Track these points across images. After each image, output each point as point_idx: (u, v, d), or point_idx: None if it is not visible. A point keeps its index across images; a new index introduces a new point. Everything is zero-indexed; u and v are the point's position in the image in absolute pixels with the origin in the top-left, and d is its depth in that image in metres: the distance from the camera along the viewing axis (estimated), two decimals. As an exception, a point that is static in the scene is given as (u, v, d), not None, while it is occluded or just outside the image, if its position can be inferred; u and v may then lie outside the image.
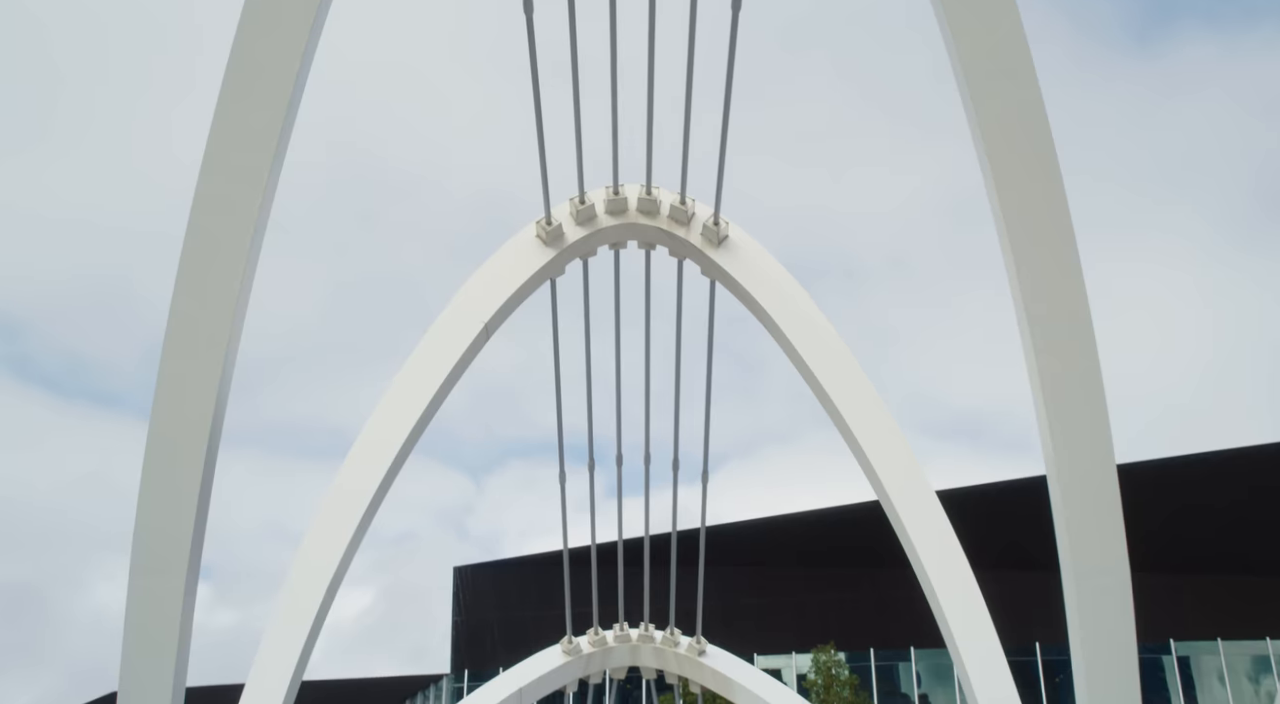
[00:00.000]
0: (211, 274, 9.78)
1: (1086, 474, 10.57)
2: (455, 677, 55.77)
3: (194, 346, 9.92)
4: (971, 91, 9.21)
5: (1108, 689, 10.71)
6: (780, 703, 18.58)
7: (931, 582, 13.25)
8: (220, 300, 9.81)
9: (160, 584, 10.24)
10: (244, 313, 10.14)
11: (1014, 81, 9.24)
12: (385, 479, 12.98)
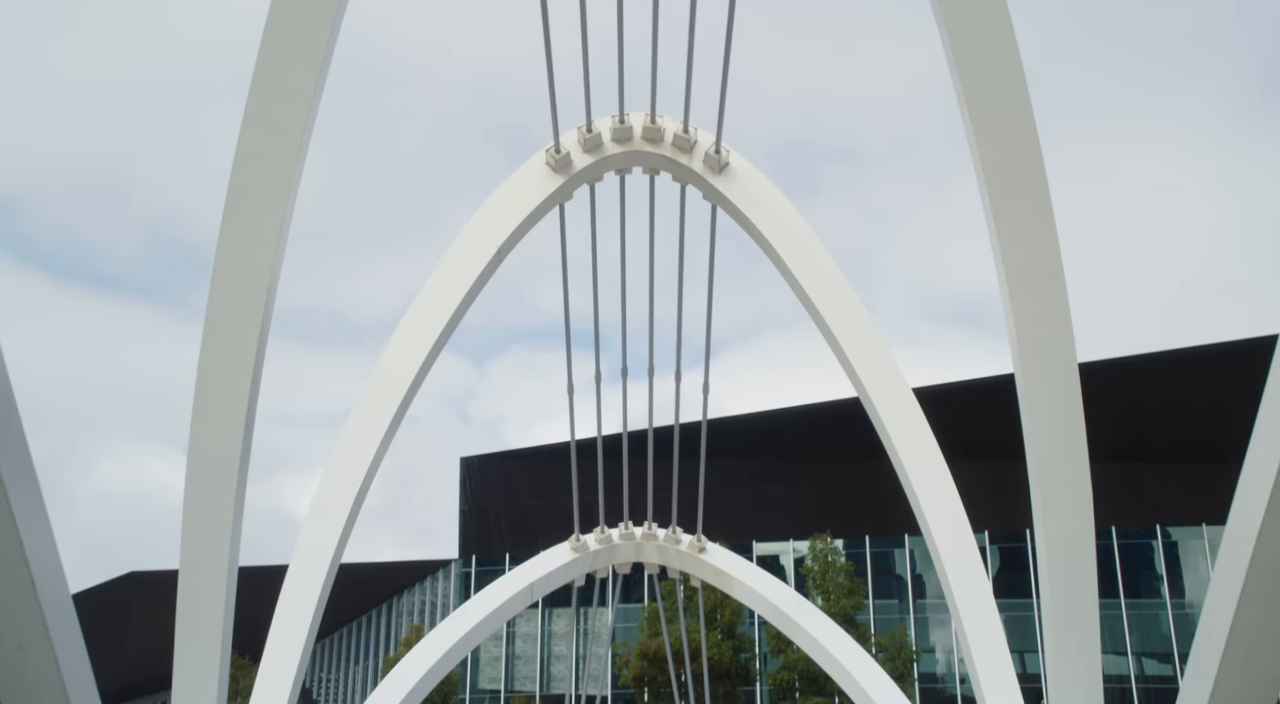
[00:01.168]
0: (260, 182, 10.38)
1: (1049, 369, 11.26)
2: (463, 562, 57.43)
3: (251, 234, 10.55)
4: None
5: (1066, 572, 11.38)
6: (775, 597, 19.52)
7: (908, 474, 14.21)
8: (271, 210, 10.41)
9: (216, 469, 10.94)
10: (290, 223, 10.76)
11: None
12: (402, 404, 13.81)
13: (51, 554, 7.33)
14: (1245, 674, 7.61)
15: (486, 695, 55.41)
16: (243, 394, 10.92)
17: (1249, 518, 7.11)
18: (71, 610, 7.67)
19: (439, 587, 59.36)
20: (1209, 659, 7.75)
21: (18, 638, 7.28)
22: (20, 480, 6.74)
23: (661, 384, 18.19)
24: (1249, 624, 7.30)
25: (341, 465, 13.95)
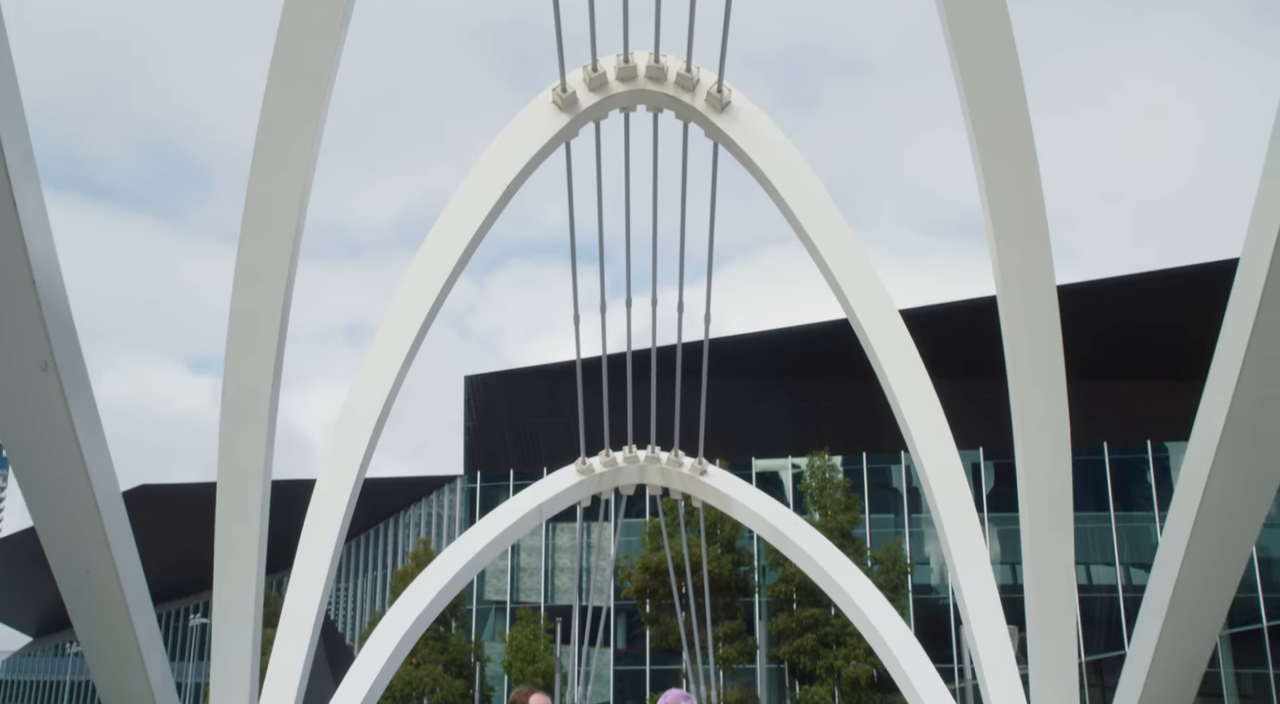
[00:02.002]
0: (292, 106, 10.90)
1: (1028, 289, 11.87)
2: (468, 478, 58.52)
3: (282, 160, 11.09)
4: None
5: (1044, 489, 12.09)
6: (772, 517, 20.36)
7: (894, 393, 14.98)
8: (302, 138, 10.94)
9: (251, 380, 11.58)
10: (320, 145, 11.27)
11: None
12: (418, 336, 14.45)
13: (113, 483, 8.03)
14: (1202, 586, 8.28)
15: (493, 606, 56.93)
16: (275, 313, 11.53)
17: (1208, 436, 7.69)
18: (130, 536, 8.40)
19: (444, 501, 60.53)
20: (1169, 570, 8.40)
21: (85, 564, 8.02)
22: (84, 411, 7.39)
23: (662, 305, 18.78)
24: (1206, 540, 7.92)
25: (360, 401, 14.70)
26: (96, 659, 8.88)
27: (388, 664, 17.06)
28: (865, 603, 18.02)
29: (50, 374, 6.83)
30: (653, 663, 53.52)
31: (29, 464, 7.42)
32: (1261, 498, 7.75)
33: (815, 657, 44.82)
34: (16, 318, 6.51)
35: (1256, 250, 6.60)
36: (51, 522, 7.82)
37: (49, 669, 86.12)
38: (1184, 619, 8.44)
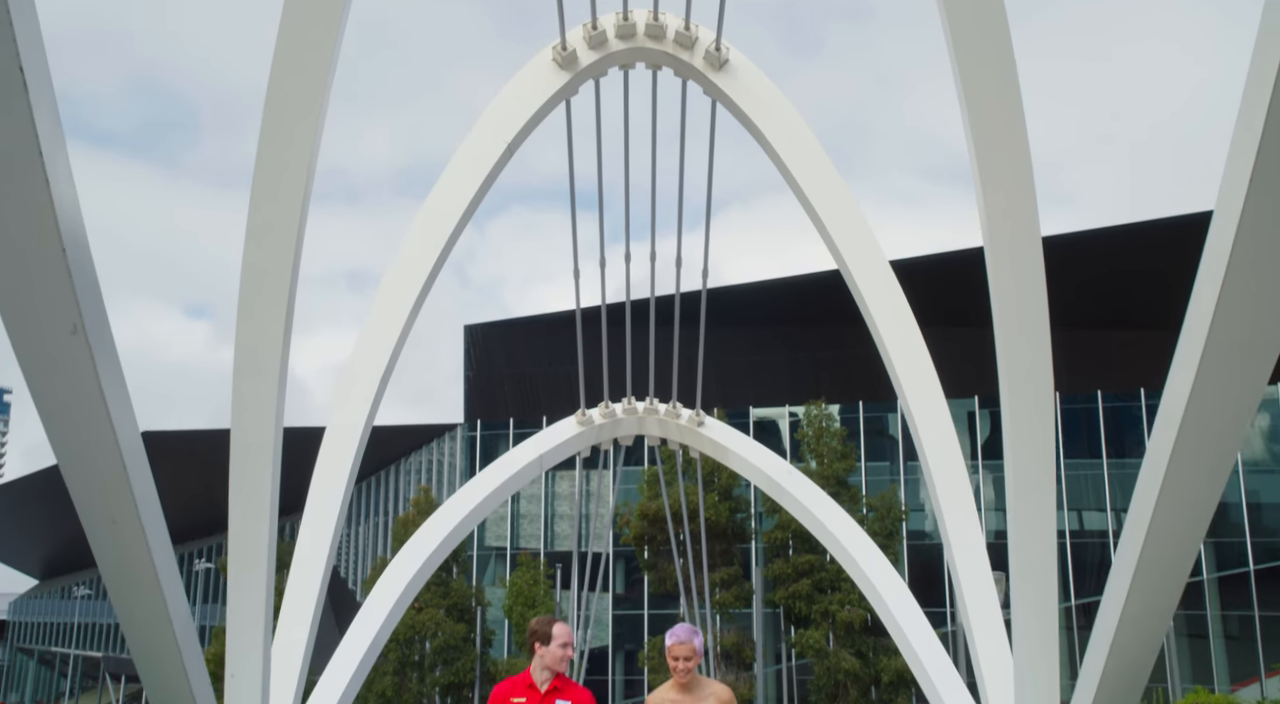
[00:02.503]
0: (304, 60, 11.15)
1: (1014, 240, 12.21)
2: (469, 426, 59.06)
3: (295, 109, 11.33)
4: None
5: (1028, 437, 12.48)
6: (768, 468, 20.83)
7: (884, 343, 15.39)
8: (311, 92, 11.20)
9: (264, 327, 11.93)
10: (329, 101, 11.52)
11: None
12: (422, 291, 14.81)
13: (137, 441, 8.42)
14: (1175, 524, 8.66)
15: (493, 552, 57.74)
16: (286, 268, 11.86)
17: (1181, 385, 8.06)
18: (153, 489, 8.82)
19: (445, 448, 61.11)
20: (1144, 508, 8.78)
21: (111, 514, 8.43)
22: (110, 372, 7.76)
23: (661, 259, 19.13)
24: (1179, 478, 8.30)
25: (367, 351, 15.11)
26: (122, 605, 9.34)
27: (393, 611, 17.61)
28: (857, 550, 18.53)
29: (79, 337, 7.20)
30: (651, 608, 54.42)
31: (59, 422, 7.81)
32: (1232, 439, 8.17)
33: (810, 601, 45.62)
34: (47, 284, 6.87)
35: (1230, 198, 6.93)
36: (80, 476, 8.23)
37: (56, 611, 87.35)
38: (1158, 560, 8.86)
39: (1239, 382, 7.86)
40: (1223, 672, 48.47)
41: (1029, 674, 12.59)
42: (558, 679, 5.62)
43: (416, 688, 48.37)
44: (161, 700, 10.35)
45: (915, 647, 16.72)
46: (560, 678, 5.61)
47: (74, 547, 79.70)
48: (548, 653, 5.63)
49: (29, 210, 6.41)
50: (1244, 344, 7.53)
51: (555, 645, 5.59)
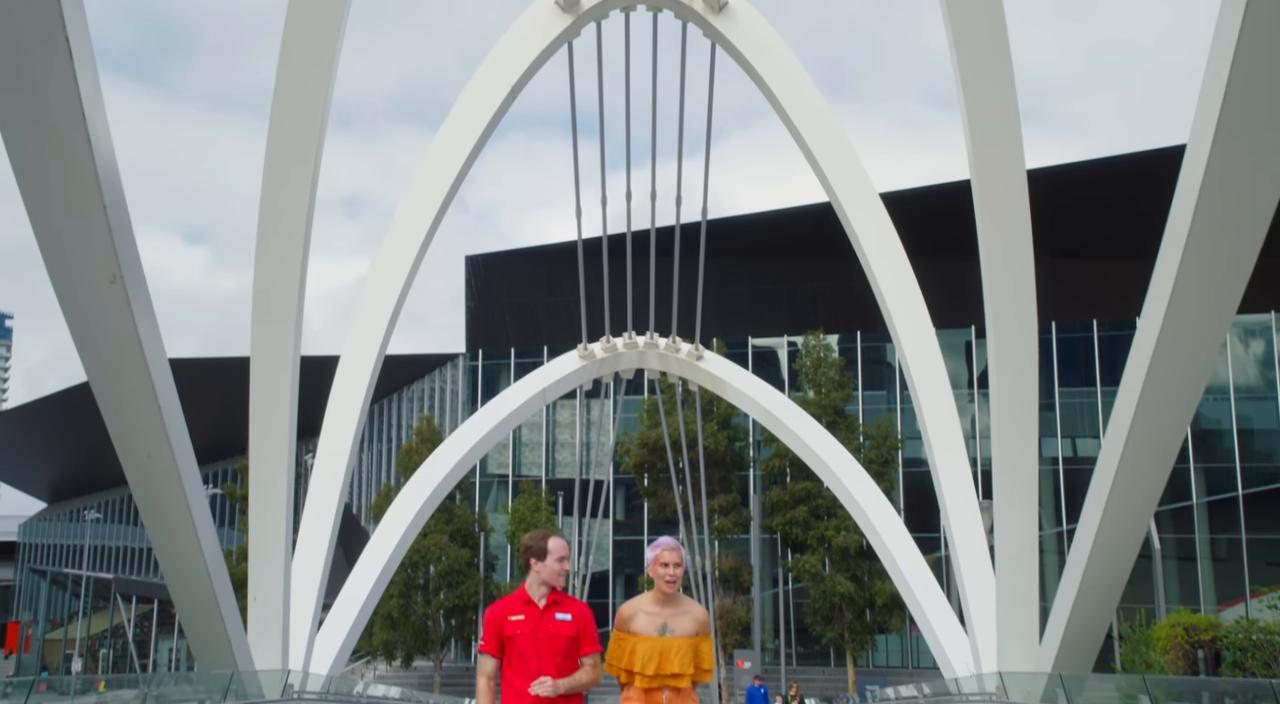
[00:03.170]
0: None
1: (1000, 173, 12.66)
2: (470, 356, 59.59)
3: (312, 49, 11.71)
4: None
5: (1011, 361, 13.03)
6: (765, 401, 21.47)
7: (874, 274, 15.86)
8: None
9: (283, 263, 12.44)
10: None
11: None
12: (432, 225, 15.28)
13: (170, 383, 8.98)
14: (1149, 443, 9.23)
15: (495, 479, 58.66)
16: (302, 209, 12.34)
17: (1154, 317, 8.58)
18: (184, 428, 9.39)
19: (447, 377, 61.66)
20: (1120, 429, 9.34)
21: (147, 449, 9.02)
22: (145, 318, 8.29)
23: (661, 189, 19.55)
24: (1152, 402, 8.86)
25: (379, 284, 15.64)
26: (157, 531, 9.98)
27: (403, 539, 18.38)
28: (850, 480, 19.24)
29: (118, 286, 7.73)
30: (650, 533, 55.46)
31: (100, 366, 8.37)
32: (1202, 368, 8.71)
33: (807, 527, 46.53)
34: (89, 237, 7.38)
35: (1201, 132, 7.39)
36: (118, 415, 8.80)
37: (66, 534, 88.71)
38: (1130, 487, 9.46)
39: (1208, 311, 8.38)
40: (1209, 593, 49.56)
41: (1010, 596, 13.31)
42: (554, 594, 5.43)
43: (422, 610, 49.58)
44: (193, 622, 11.05)
45: (904, 571, 17.49)
46: (557, 592, 5.43)
47: (81, 471, 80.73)
48: (544, 568, 5.39)
49: (73, 171, 6.89)
50: (1213, 275, 8.02)
51: (551, 560, 5.39)
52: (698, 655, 5.35)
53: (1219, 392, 51.59)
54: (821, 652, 51.64)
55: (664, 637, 5.30)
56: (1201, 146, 7.48)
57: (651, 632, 5.32)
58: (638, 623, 5.37)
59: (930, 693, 15.62)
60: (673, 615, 5.35)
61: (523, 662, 5.19)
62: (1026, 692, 11.44)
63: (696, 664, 5.35)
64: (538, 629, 5.22)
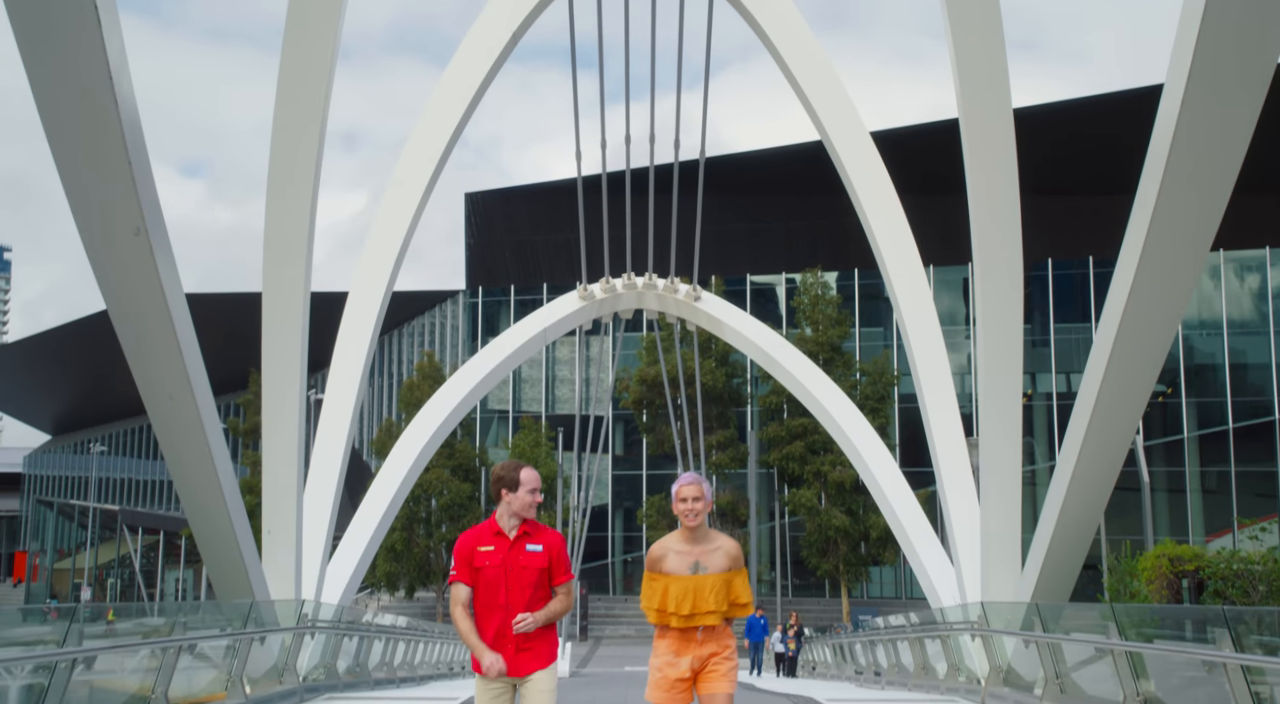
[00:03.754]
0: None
1: (988, 112, 12.94)
2: (470, 293, 59.94)
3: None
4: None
5: (998, 298, 13.41)
6: (761, 342, 21.90)
7: (864, 211, 16.23)
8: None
9: (294, 198, 12.78)
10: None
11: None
12: (436, 169, 15.61)
13: (190, 329, 9.40)
14: (1125, 380, 9.66)
15: (496, 415, 59.33)
16: (311, 157, 12.66)
17: (1133, 248, 8.97)
18: (204, 370, 9.83)
19: (447, 312, 62.04)
20: (1097, 366, 9.76)
21: (169, 391, 9.47)
22: (168, 268, 8.69)
23: (660, 124, 19.86)
24: (1129, 333, 9.27)
25: (387, 223, 16.03)
26: (178, 468, 10.47)
27: (408, 475, 18.94)
28: (843, 418, 19.75)
29: (141, 238, 8.12)
30: (649, 469, 56.23)
31: (124, 315, 8.79)
32: (1177, 304, 9.12)
33: (803, 462, 47.25)
34: (115, 192, 7.76)
35: (1177, 72, 7.74)
36: (142, 359, 9.24)
37: (72, 466, 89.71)
38: (1106, 422, 9.89)
39: (1183, 250, 8.75)
40: (1198, 524, 50.44)
41: (994, 528, 13.84)
42: (526, 524, 5.20)
43: (424, 543, 50.53)
44: (212, 554, 11.59)
45: (894, 506, 18.07)
46: (529, 523, 5.21)
47: (85, 404, 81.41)
48: (515, 499, 5.16)
49: (100, 130, 7.26)
50: (1188, 209, 8.39)
51: (523, 491, 5.17)
52: (732, 591, 5.19)
53: (1213, 326, 52.03)
54: (817, 583, 52.68)
55: (696, 575, 5.14)
56: (1177, 87, 7.81)
57: (684, 571, 5.16)
58: (669, 563, 5.20)
59: (918, 622, 16.23)
60: (704, 553, 5.18)
61: (490, 594, 5.07)
62: (1006, 621, 12.00)
63: (731, 600, 5.18)
64: (507, 561, 5.09)
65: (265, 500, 13.38)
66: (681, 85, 18.38)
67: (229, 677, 10.38)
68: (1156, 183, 8.27)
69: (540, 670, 5.08)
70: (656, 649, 5.27)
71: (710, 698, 5.15)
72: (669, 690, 5.16)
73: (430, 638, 21.44)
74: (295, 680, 12.09)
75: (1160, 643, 8.74)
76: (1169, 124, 7.90)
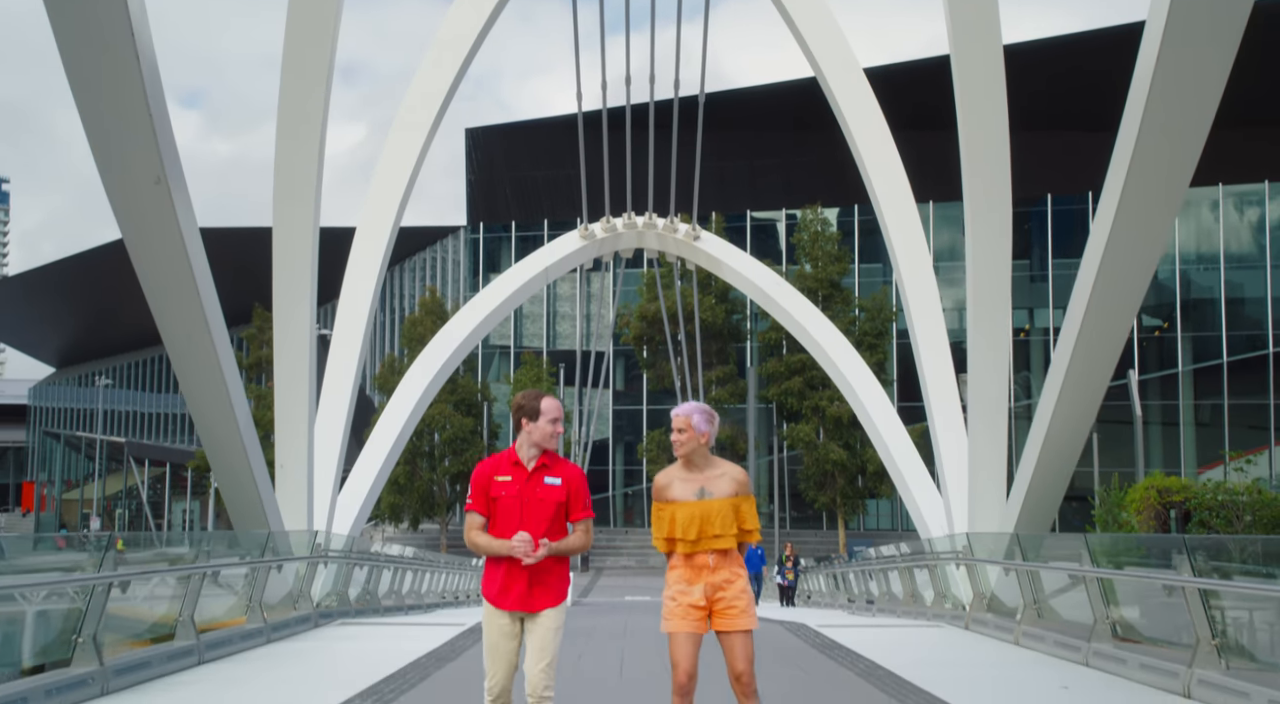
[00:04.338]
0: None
1: (978, 48, 13.18)
2: (471, 229, 60.09)
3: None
4: None
5: (987, 236, 13.75)
6: (759, 280, 22.26)
7: (858, 149, 16.50)
8: None
9: (303, 136, 13.09)
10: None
11: None
12: (438, 114, 15.88)
13: (208, 273, 9.79)
14: (1106, 312, 10.04)
15: (497, 351, 59.80)
16: (320, 95, 12.95)
17: (1113, 188, 9.33)
18: (219, 309, 10.22)
19: (449, 247, 62.22)
20: (1081, 298, 10.15)
21: (188, 332, 9.88)
22: (186, 215, 9.06)
23: (660, 58, 20.06)
24: (1109, 273, 9.66)
25: (394, 157, 16.36)
26: (196, 404, 10.93)
27: (414, 412, 19.44)
28: (838, 355, 20.18)
29: (161, 186, 8.49)
30: (649, 404, 56.81)
31: (146, 260, 9.18)
32: (1158, 240, 9.44)
33: (801, 397, 47.82)
34: (136, 142, 8.11)
35: (1156, 9, 8.04)
36: (163, 302, 9.65)
37: (78, 398, 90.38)
38: (1088, 355, 10.27)
39: (1161, 190, 9.09)
40: (1191, 457, 51.09)
41: (981, 461, 14.33)
42: (545, 456, 5.03)
43: (428, 476, 51.31)
44: (229, 487, 12.09)
45: (887, 441, 18.57)
46: (548, 455, 5.04)
47: (89, 337, 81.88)
48: (535, 429, 4.97)
49: (122, 85, 7.60)
50: (1166, 150, 8.72)
51: (544, 421, 4.96)
52: (739, 517, 5.11)
53: (1210, 261, 52.25)
54: (815, 516, 53.53)
55: (703, 500, 5.09)
56: (1157, 24, 8.09)
57: (689, 497, 5.10)
58: (674, 490, 5.15)
59: (908, 552, 16.77)
60: (709, 479, 5.13)
61: (506, 525, 4.93)
62: (990, 550, 12.51)
63: (739, 525, 5.11)
64: (524, 492, 4.96)
65: (278, 434, 13.86)
66: (682, 17, 18.56)
67: (248, 603, 10.91)
68: (1136, 124, 8.58)
69: (550, 608, 4.98)
70: (669, 581, 5.22)
71: (733, 635, 5.08)
72: (683, 618, 5.07)
73: (436, 568, 22.08)
74: (309, 607, 12.64)
75: (1130, 570, 9.23)
76: (1149, 65, 8.20)
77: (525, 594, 4.95)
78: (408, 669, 8.77)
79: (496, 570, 4.98)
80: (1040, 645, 10.18)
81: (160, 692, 7.60)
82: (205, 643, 9.19)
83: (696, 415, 5.14)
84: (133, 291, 9.84)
